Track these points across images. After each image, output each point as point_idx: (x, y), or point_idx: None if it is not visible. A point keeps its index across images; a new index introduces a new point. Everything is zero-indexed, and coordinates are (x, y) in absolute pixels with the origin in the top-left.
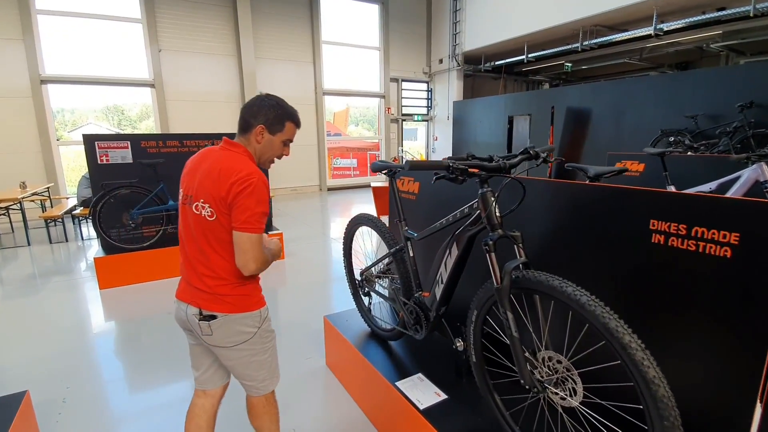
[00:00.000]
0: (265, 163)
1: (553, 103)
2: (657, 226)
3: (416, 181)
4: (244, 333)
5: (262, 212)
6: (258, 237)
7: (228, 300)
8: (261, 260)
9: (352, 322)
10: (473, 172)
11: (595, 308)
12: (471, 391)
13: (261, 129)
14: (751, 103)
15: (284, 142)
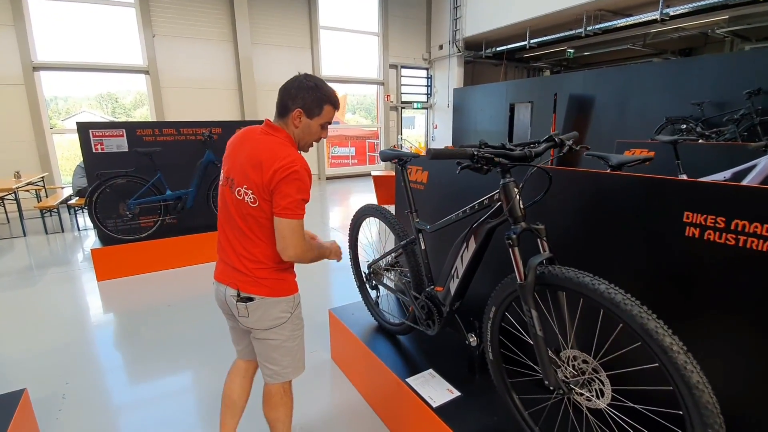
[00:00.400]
0: (304, 147)
1: (555, 90)
2: (692, 219)
3: (425, 170)
4: (278, 317)
5: (302, 199)
6: (298, 223)
7: (266, 283)
8: (300, 247)
9: (359, 315)
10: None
11: (632, 307)
12: (485, 388)
13: (299, 113)
14: (759, 89)
15: (322, 126)
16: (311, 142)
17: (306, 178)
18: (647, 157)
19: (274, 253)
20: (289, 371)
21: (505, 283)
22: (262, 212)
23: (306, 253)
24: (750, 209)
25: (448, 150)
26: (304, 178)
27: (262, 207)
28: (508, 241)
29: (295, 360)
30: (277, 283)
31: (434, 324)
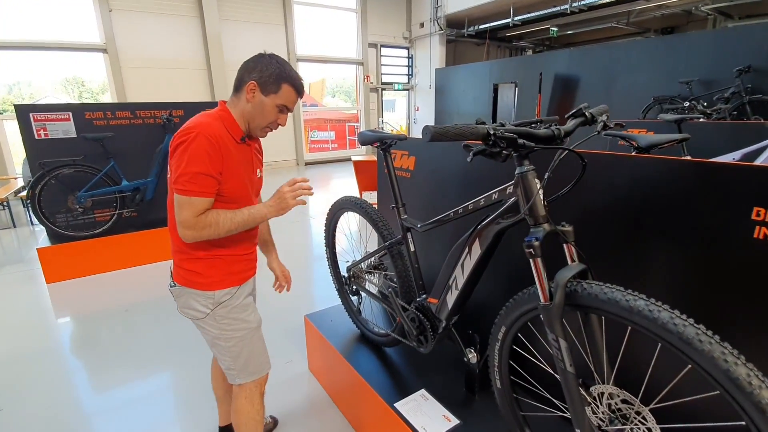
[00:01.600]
0: (255, 130)
1: (540, 70)
2: (763, 217)
3: (411, 155)
4: (195, 310)
5: (195, 172)
6: (187, 200)
7: (179, 272)
8: (192, 226)
9: (338, 322)
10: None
11: (712, 348)
12: (488, 413)
13: (253, 86)
14: (749, 67)
15: (279, 108)
16: (265, 127)
17: (203, 146)
18: (684, 137)
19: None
20: (234, 373)
21: (519, 299)
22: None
23: (203, 230)
24: None
25: (454, 128)
26: (199, 146)
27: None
28: (528, 249)
29: (237, 363)
30: (188, 274)
31: (427, 341)
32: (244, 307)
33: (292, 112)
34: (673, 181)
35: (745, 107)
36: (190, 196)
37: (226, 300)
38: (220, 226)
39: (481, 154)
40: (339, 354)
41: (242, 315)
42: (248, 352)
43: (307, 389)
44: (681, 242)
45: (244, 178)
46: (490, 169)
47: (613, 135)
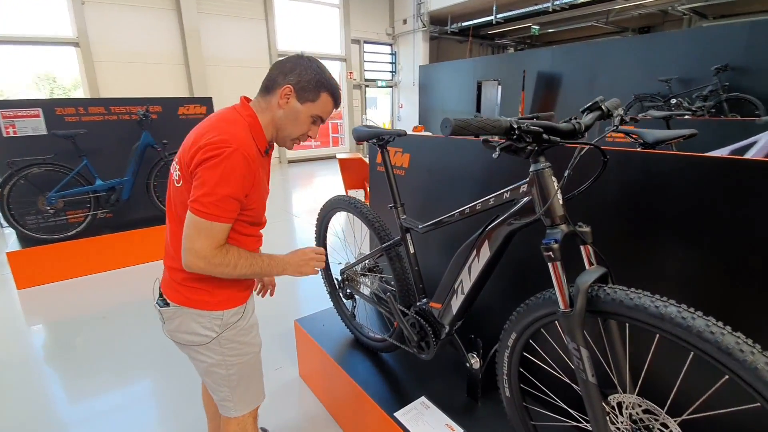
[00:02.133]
0: (284, 141)
1: (523, 67)
2: None
3: (405, 152)
4: (198, 335)
5: (225, 195)
6: (208, 225)
7: (180, 289)
8: (208, 259)
9: (330, 327)
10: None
11: (755, 358)
12: (492, 420)
13: (289, 90)
14: (726, 66)
15: (313, 119)
16: (295, 137)
17: (241, 166)
18: (692, 132)
19: None
20: (229, 405)
21: (532, 304)
22: (183, 194)
23: (216, 266)
24: None
25: (476, 121)
26: (234, 166)
27: (185, 188)
28: (547, 252)
29: (236, 393)
30: (193, 292)
31: (428, 347)
32: (251, 328)
33: (324, 123)
34: (691, 177)
35: (723, 105)
36: (212, 221)
37: (236, 321)
38: (237, 269)
39: (506, 150)
40: (333, 360)
41: (248, 337)
42: (248, 380)
43: (298, 397)
44: (699, 241)
45: (264, 197)
46: (489, 167)
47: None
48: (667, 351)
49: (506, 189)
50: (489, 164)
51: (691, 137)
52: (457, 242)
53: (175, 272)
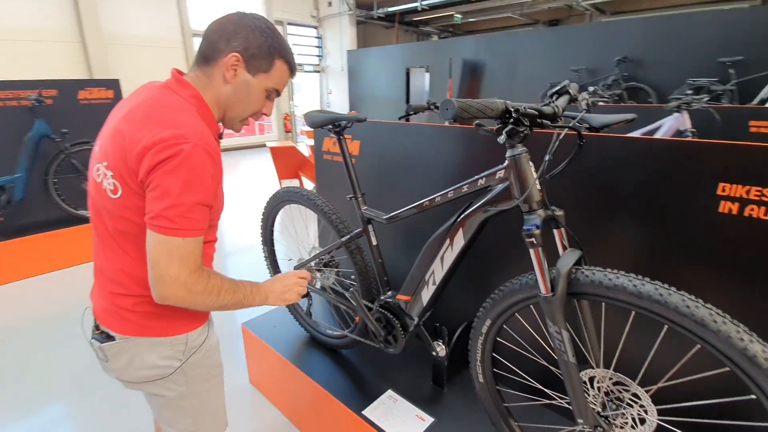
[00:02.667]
0: (231, 123)
1: (449, 55)
2: (728, 192)
3: (355, 139)
4: (156, 367)
5: (194, 203)
6: (179, 244)
7: (130, 317)
8: (185, 284)
9: (283, 327)
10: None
11: (727, 327)
12: (460, 406)
13: (235, 59)
14: (625, 57)
15: (268, 93)
16: (246, 117)
17: (206, 164)
18: (633, 116)
19: (142, 272)
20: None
21: (507, 290)
22: (126, 208)
23: (198, 295)
24: None
25: (477, 103)
26: (199, 165)
27: (128, 200)
28: (529, 239)
29: (200, 424)
30: (149, 318)
31: (396, 341)
32: (216, 347)
33: (279, 96)
34: (642, 159)
35: (623, 93)
36: (183, 237)
37: (202, 342)
38: (221, 298)
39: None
40: (290, 363)
41: (214, 358)
42: (215, 407)
43: (252, 406)
44: (651, 220)
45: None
46: (444, 153)
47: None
48: (638, 326)
49: (481, 175)
50: (444, 150)
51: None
52: (420, 231)
53: (121, 298)
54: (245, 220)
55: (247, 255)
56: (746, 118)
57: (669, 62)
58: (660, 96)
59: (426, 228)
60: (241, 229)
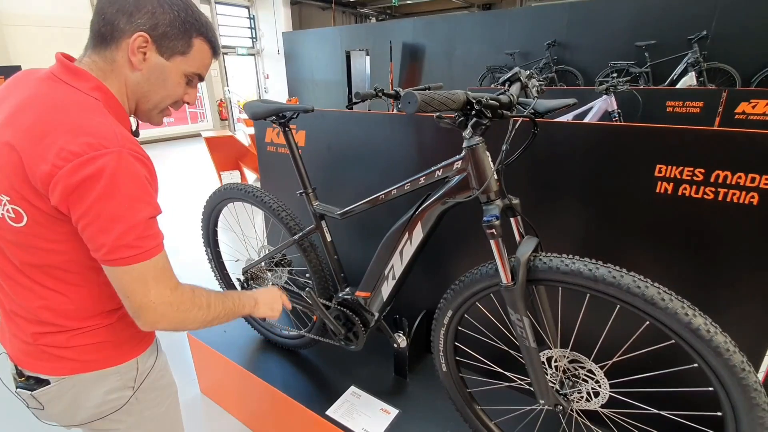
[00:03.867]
0: (149, 115)
1: (389, 38)
2: (665, 173)
3: (300, 129)
4: (106, 402)
5: (146, 218)
6: (150, 265)
7: (65, 354)
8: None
9: (233, 332)
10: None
11: (673, 304)
12: (423, 394)
13: (143, 41)
14: (554, 41)
15: (189, 78)
16: (164, 108)
17: (137, 169)
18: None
19: (71, 305)
20: None
21: (467, 280)
22: (38, 237)
23: (188, 312)
24: (736, 157)
25: (439, 95)
26: (135, 175)
27: (39, 227)
28: (490, 230)
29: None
30: (92, 349)
31: (357, 338)
32: (166, 364)
33: (203, 81)
34: (588, 144)
35: (554, 76)
36: (152, 258)
37: (153, 363)
38: (211, 311)
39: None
40: (244, 370)
41: (166, 378)
42: (170, 429)
43: (207, 416)
44: (599, 203)
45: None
46: (394, 142)
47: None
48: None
49: (438, 166)
50: (396, 138)
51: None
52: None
53: (50, 337)
54: (181, 218)
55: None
56: (663, 98)
57: (593, 46)
58: (586, 78)
59: (383, 221)
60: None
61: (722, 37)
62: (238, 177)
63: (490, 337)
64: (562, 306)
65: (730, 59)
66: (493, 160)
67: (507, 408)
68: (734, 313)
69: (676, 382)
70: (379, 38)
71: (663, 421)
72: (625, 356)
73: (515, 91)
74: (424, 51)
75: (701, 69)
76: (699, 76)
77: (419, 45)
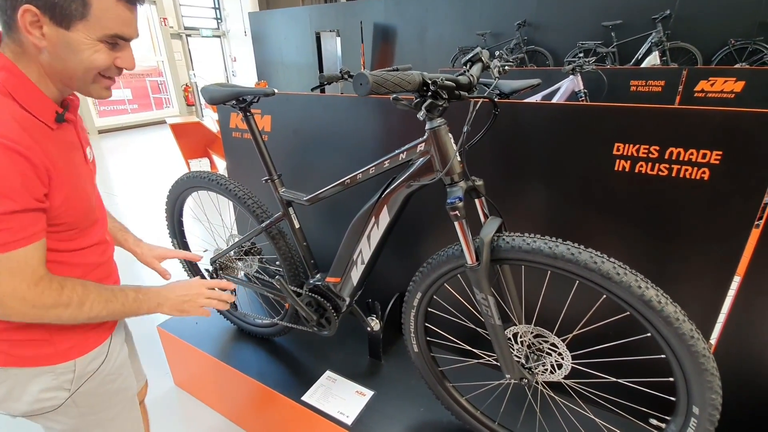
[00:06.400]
0: (85, 89)
1: (359, 18)
2: (622, 151)
3: (265, 114)
4: (40, 400)
5: (4, 212)
6: (4, 259)
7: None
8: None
9: (205, 323)
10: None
11: (627, 278)
12: (398, 374)
13: (30, 15)
14: (524, 21)
15: (109, 42)
16: (91, 79)
17: (4, 161)
18: (538, 81)
19: None
20: None
21: (434, 262)
22: None
23: (50, 309)
24: (688, 135)
25: (392, 77)
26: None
27: None
28: (453, 212)
29: None
30: (23, 345)
31: (330, 323)
32: (120, 369)
33: (134, 38)
34: (550, 125)
35: (524, 57)
36: (4, 253)
37: (96, 368)
38: (85, 309)
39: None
40: (219, 361)
41: (116, 383)
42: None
43: (183, 409)
44: (560, 182)
45: (80, 185)
46: (362, 125)
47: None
48: (553, 284)
49: (402, 149)
50: (362, 121)
51: (537, 86)
52: (345, 209)
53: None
54: (147, 210)
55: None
56: (628, 77)
57: (562, 26)
58: (555, 58)
59: (350, 205)
60: (141, 221)
61: (685, 17)
62: (207, 165)
63: (458, 317)
64: (526, 283)
65: (692, 38)
66: (456, 142)
67: (476, 384)
68: (687, 284)
69: (631, 351)
70: (350, 18)
71: (621, 389)
72: (585, 329)
73: (476, 72)
74: (395, 32)
75: (665, 48)
76: (662, 55)
77: (390, 26)
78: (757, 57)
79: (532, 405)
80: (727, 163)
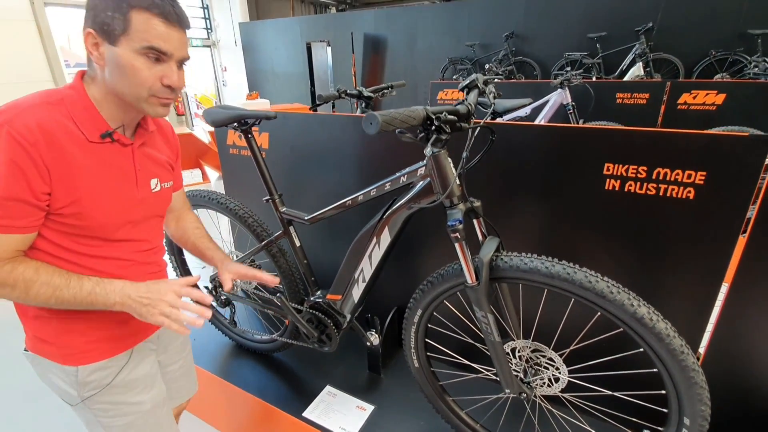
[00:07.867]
0: (139, 107)
1: (350, 29)
2: (612, 171)
3: (263, 131)
4: (60, 390)
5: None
6: None
7: (26, 330)
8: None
9: (204, 340)
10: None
11: (620, 296)
12: (398, 389)
13: (91, 37)
14: (512, 33)
15: (152, 57)
16: (146, 96)
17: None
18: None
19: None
20: None
21: (434, 281)
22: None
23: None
24: (674, 156)
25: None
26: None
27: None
28: (454, 234)
29: None
30: (34, 339)
31: (330, 340)
32: (133, 384)
33: (174, 55)
34: (541, 145)
35: (513, 68)
36: None
37: (96, 380)
38: (31, 294)
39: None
40: (218, 378)
41: (127, 395)
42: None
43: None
44: (553, 201)
45: (108, 201)
46: (361, 144)
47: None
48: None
49: (402, 172)
50: (360, 141)
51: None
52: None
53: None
54: None
55: None
56: (614, 90)
57: (549, 37)
58: (543, 69)
59: (353, 223)
60: None
61: (667, 29)
62: (199, 175)
63: (458, 332)
64: (524, 300)
65: (674, 50)
66: (454, 165)
67: (476, 398)
68: (675, 299)
69: (626, 365)
70: (340, 29)
71: (616, 401)
72: (581, 344)
73: (473, 100)
74: (386, 43)
75: (648, 59)
76: (646, 66)
77: (381, 36)
78: (737, 67)
79: (530, 418)
80: (711, 183)
